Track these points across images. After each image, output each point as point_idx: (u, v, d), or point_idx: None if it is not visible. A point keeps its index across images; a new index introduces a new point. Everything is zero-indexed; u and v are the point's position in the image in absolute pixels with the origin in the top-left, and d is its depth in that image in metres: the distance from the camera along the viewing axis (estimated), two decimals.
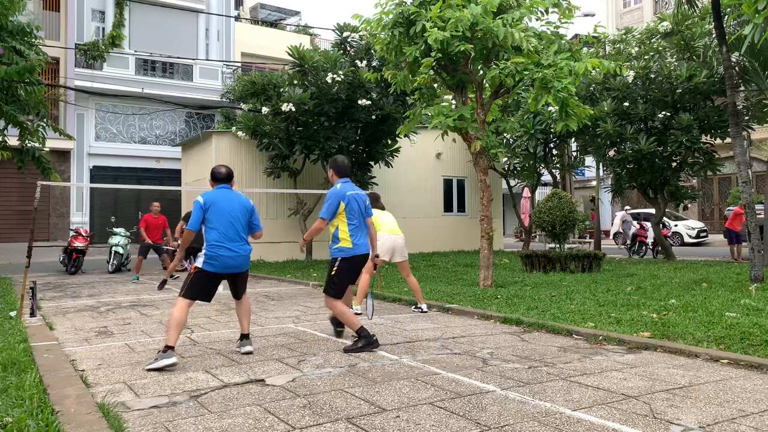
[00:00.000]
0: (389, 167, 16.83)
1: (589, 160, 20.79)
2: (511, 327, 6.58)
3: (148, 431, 3.36)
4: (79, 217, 22.59)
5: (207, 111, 25.42)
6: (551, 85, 8.53)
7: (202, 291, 5.18)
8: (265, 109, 14.35)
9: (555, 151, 18.15)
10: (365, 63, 14.80)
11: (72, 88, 20.83)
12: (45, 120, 12.19)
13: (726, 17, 12.15)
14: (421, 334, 6.24)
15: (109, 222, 15.90)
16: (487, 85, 9.77)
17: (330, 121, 14.74)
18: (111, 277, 13.37)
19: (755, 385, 4.19)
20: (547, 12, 9.38)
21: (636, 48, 16.94)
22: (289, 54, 14.64)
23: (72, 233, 14.78)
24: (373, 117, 14.70)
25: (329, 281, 5.59)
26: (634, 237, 18.25)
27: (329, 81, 13.88)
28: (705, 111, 14.71)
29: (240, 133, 15.24)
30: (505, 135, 17.45)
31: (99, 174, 23.07)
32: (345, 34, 15.27)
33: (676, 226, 23.76)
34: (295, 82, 14.53)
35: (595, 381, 4.33)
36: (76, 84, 21.78)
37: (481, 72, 9.59)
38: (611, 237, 27.02)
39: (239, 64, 26.61)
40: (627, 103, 15.04)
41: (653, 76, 14.97)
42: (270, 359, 5.09)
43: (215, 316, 7.63)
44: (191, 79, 25.02)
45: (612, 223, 28.12)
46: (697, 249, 21.94)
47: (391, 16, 9.22)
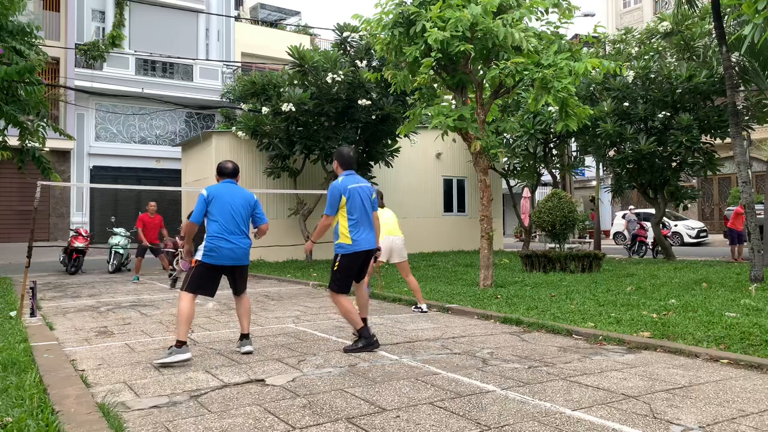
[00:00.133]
0: (389, 167, 16.84)
1: (589, 160, 20.80)
2: (511, 327, 6.58)
3: (148, 431, 3.36)
4: (79, 217, 22.59)
5: (207, 111, 25.42)
6: (551, 85, 8.53)
7: (203, 284, 5.22)
8: (265, 109, 14.35)
9: (555, 151, 18.16)
10: (365, 63, 14.81)
11: (72, 88, 20.85)
12: (45, 120, 12.20)
13: (726, 17, 12.16)
14: (421, 334, 6.24)
15: (109, 222, 15.89)
16: (487, 85, 9.77)
17: (330, 121, 14.74)
18: (111, 277, 13.37)
19: (755, 385, 4.19)
20: (547, 12, 9.38)
21: (636, 48, 16.95)
22: (289, 54, 14.63)
23: (72, 233, 14.78)
24: (373, 117, 14.70)
25: (331, 276, 5.53)
26: (633, 237, 18.26)
27: (329, 81, 13.88)
28: (705, 111, 14.71)
29: (240, 133, 15.24)
30: (505, 135, 17.46)
31: (99, 174, 23.07)
32: (345, 34, 15.27)
33: (676, 226, 23.77)
34: (295, 82, 14.53)
35: (595, 381, 4.33)
36: (76, 84, 21.79)
37: (481, 72, 9.60)
38: (611, 237, 27.03)
39: (239, 64, 26.61)
40: (627, 103, 15.04)
41: (653, 76, 14.97)
42: (270, 359, 5.09)
43: (215, 316, 7.63)
44: (191, 79, 25.02)
45: (612, 223, 28.13)
46: (697, 249, 21.94)
47: (391, 16, 9.22)
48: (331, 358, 5.15)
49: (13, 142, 12.37)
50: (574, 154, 19.55)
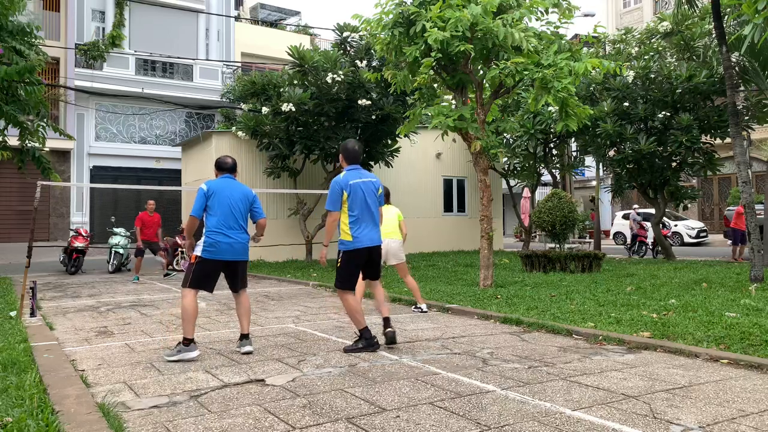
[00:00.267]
0: (389, 167, 16.83)
1: (589, 160, 20.80)
2: (511, 327, 6.58)
3: (148, 431, 3.36)
4: (79, 217, 22.59)
5: (207, 111, 25.42)
6: (551, 85, 8.53)
7: (204, 279, 5.25)
8: (265, 109, 14.35)
9: (555, 151, 18.16)
10: (365, 63, 14.80)
11: (72, 88, 20.85)
12: (45, 120, 12.20)
13: (726, 17, 12.16)
14: (421, 334, 6.24)
15: (109, 222, 15.90)
16: (487, 85, 9.77)
17: (330, 121, 14.74)
18: (111, 277, 13.37)
19: (755, 385, 4.19)
20: (547, 12, 9.39)
21: (636, 48, 16.95)
22: (289, 54, 14.63)
23: (72, 233, 14.78)
24: (373, 117, 14.70)
25: (336, 273, 5.50)
26: (634, 237, 18.26)
27: (329, 81, 13.88)
28: (705, 111, 14.71)
29: (240, 133, 15.24)
30: (505, 135, 17.46)
31: (99, 174, 23.06)
32: (345, 34, 15.27)
33: (676, 226, 23.77)
34: (295, 82, 14.53)
35: (595, 381, 4.33)
36: (76, 84, 21.79)
37: (481, 72, 9.59)
38: (611, 237, 27.02)
39: (239, 64, 26.61)
40: (627, 103, 15.04)
41: (653, 76, 14.97)
42: (270, 359, 5.09)
43: (215, 316, 7.63)
44: (191, 79, 25.02)
45: (612, 223, 28.12)
46: (697, 249, 21.94)
47: (391, 16, 9.22)
48: (331, 358, 5.15)
49: (13, 142, 12.37)
50: (574, 154, 19.55)
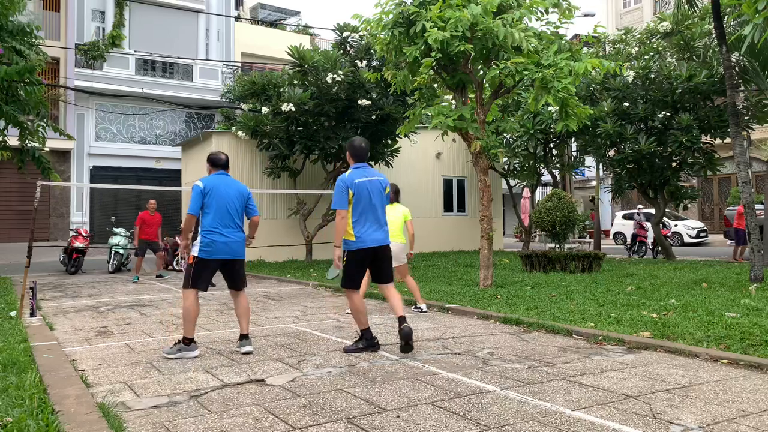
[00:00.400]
0: (389, 167, 16.83)
1: (589, 160, 20.79)
2: (511, 327, 6.58)
3: (148, 431, 3.36)
4: (79, 217, 22.59)
5: (207, 111, 25.42)
6: (551, 85, 8.53)
7: (204, 279, 5.28)
8: (265, 109, 14.35)
9: (555, 151, 18.15)
10: (365, 63, 14.80)
11: (72, 88, 20.85)
12: (45, 120, 12.20)
13: (726, 17, 12.16)
14: (421, 334, 6.24)
15: (109, 222, 15.90)
16: (487, 85, 9.76)
17: (330, 121, 14.74)
18: (111, 277, 13.37)
19: (755, 385, 4.19)
20: (547, 12, 9.38)
21: (636, 48, 16.95)
22: (289, 54, 14.64)
23: (72, 233, 14.79)
24: (373, 117, 14.70)
25: (342, 272, 5.48)
26: (634, 237, 18.25)
27: (329, 81, 13.88)
28: (705, 111, 14.71)
29: (240, 133, 15.25)
30: (505, 135, 17.46)
31: (99, 174, 23.06)
32: (345, 34, 15.27)
33: (676, 226, 23.77)
34: (295, 82, 14.53)
35: (595, 381, 4.33)
36: (76, 84, 21.79)
37: (481, 72, 9.59)
38: (611, 237, 27.02)
39: (239, 64, 26.60)
40: (627, 103, 15.04)
41: (653, 76, 14.97)
42: (270, 359, 5.09)
43: (215, 316, 7.63)
44: (191, 79, 25.01)
45: (612, 223, 28.12)
46: (697, 249, 21.94)
47: (391, 16, 9.22)
48: (331, 358, 5.15)
49: (13, 142, 12.37)
50: (574, 154, 19.54)
